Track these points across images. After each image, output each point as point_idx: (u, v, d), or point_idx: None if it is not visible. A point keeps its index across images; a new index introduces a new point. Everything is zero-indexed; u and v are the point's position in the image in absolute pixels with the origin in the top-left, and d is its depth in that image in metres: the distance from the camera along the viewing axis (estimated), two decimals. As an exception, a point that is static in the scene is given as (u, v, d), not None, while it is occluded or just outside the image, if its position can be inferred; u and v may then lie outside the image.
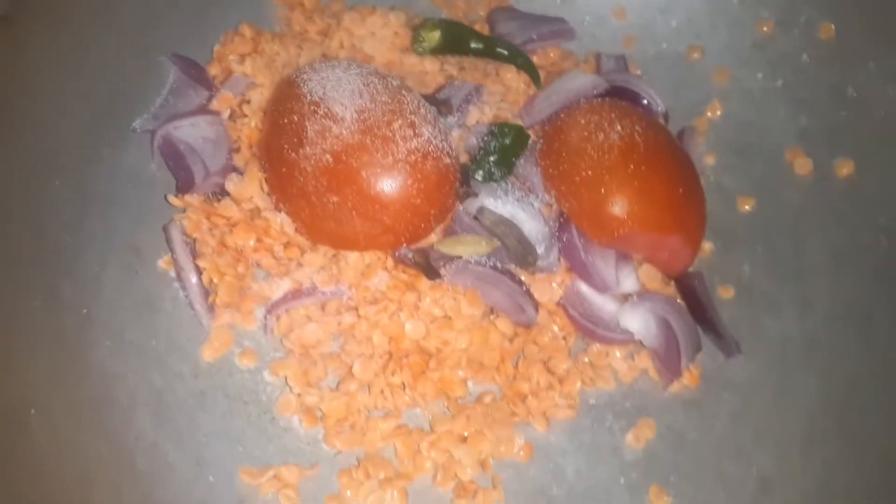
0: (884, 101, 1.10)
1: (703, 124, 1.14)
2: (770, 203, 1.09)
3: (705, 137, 1.13)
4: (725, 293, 1.03)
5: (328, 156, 0.86)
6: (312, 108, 0.88)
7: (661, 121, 1.09)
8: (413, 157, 0.87)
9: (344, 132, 0.86)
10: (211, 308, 0.93)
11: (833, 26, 1.14)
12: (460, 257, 0.92)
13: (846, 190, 1.09)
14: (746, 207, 1.09)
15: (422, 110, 0.91)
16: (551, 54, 1.15)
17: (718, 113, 1.15)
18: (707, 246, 1.05)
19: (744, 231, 1.07)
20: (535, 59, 1.13)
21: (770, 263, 1.05)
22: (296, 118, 0.89)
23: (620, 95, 1.06)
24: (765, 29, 1.17)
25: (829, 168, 1.10)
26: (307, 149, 0.87)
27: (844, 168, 1.09)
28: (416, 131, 0.87)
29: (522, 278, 0.95)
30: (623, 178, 0.92)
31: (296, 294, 0.94)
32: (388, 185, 0.86)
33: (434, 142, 0.88)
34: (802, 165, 1.10)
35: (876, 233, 1.05)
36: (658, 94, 1.08)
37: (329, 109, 0.87)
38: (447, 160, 0.90)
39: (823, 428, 0.95)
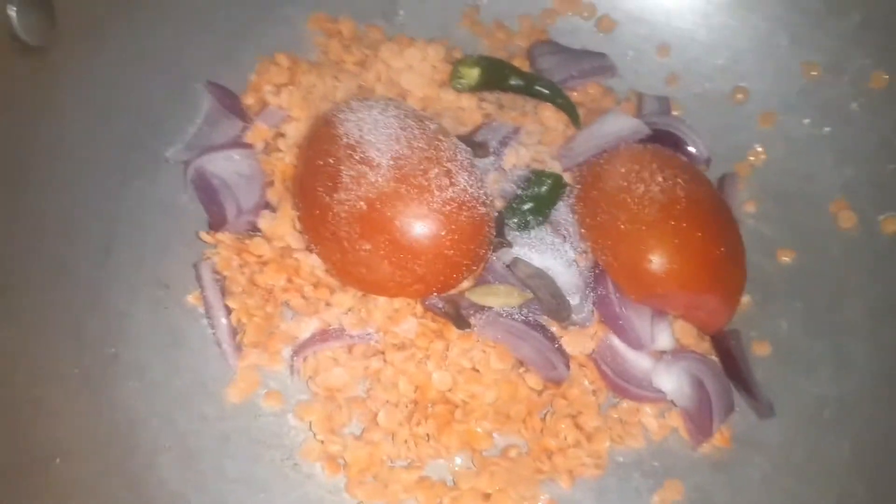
0: (933, 157, 1.07)
1: (746, 170, 1.11)
2: (811, 256, 1.06)
3: (747, 184, 1.10)
4: (761, 349, 1.01)
5: (362, 203, 0.84)
6: (348, 151, 0.86)
7: (704, 167, 1.06)
8: (448, 208, 0.85)
9: (379, 179, 0.84)
10: (238, 348, 0.92)
11: (886, 76, 1.10)
12: (491, 308, 0.90)
13: (891, 247, 1.05)
14: (786, 259, 1.06)
15: (459, 157, 0.89)
16: (591, 91, 1.13)
17: (762, 159, 1.12)
18: (745, 299, 1.02)
19: (782, 284, 1.05)
20: (574, 95, 1.11)
21: (808, 320, 1.02)
22: (331, 161, 0.87)
23: (662, 139, 1.04)
24: (813, 73, 1.13)
25: (875, 223, 1.06)
26: (341, 194, 0.85)
27: (891, 225, 1.06)
28: (453, 180, 0.85)
29: (554, 330, 0.93)
30: (663, 234, 0.89)
31: (323, 336, 0.93)
32: (422, 235, 0.85)
33: (469, 191, 0.86)
34: (847, 219, 1.07)
35: (918, 293, 1.02)
36: (702, 140, 1.05)
37: (365, 155, 0.85)
38: (482, 209, 0.88)
39: (854, 495, 0.93)
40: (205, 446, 0.88)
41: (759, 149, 1.12)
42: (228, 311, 0.92)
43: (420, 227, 0.84)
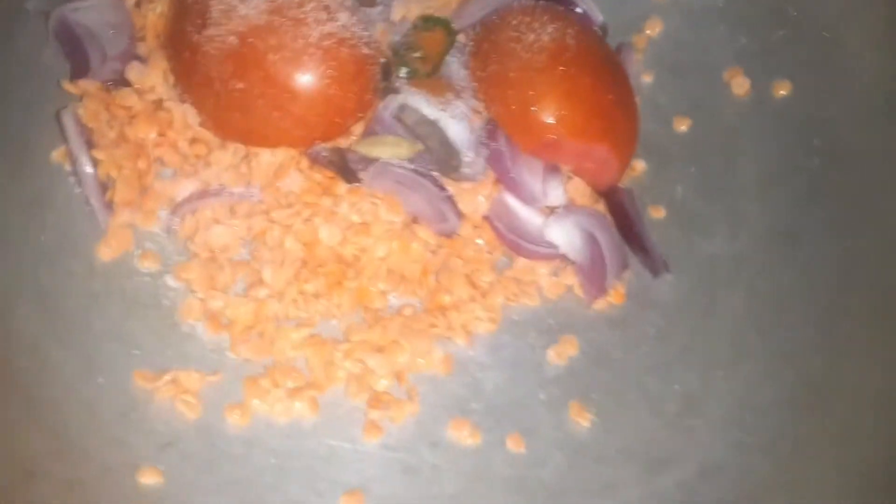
0: (822, 21, 1.08)
1: (642, 41, 1.10)
2: (706, 123, 1.06)
3: (643, 55, 1.09)
4: (656, 213, 1.00)
5: (233, 37, 0.80)
6: (219, -14, 0.81)
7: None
8: (327, 43, 0.81)
9: (251, 11, 0.79)
10: (109, 205, 0.86)
11: (776, -57, 1.10)
12: (379, 159, 0.87)
13: (782, 111, 1.06)
14: (682, 127, 1.05)
15: (339, -4, 0.84)
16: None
17: (657, 30, 1.11)
18: (640, 165, 1.02)
19: (678, 151, 1.04)
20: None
21: (702, 184, 1.02)
22: (201, -2, 0.81)
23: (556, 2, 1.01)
24: (707, -54, 1.13)
25: (767, 89, 1.07)
26: (211, 30, 0.80)
27: (782, 89, 1.07)
28: (332, 15, 0.81)
29: (447, 188, 0.91)
30: (552, 79, 0.88)
31: (202, 194, 0.88)
32: (299, 71, 0.80)
33: (352, 28, 0.82)
34: (740, 85, 1.07)
35: (809, 154, 1.03)
36: (596, 5, 1.03)
37: (236, -13, 0.80)
38: (366, 50, 0.84)
39: (748, 346, 0.93)
40: (72, 302, 0.83)
41: (656, 20, 1.11)
42: (95, 162, 0.86)
43: (296, 62, 0.80)
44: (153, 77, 0.88)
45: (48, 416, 0.77)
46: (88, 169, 0.85)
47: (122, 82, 0.89)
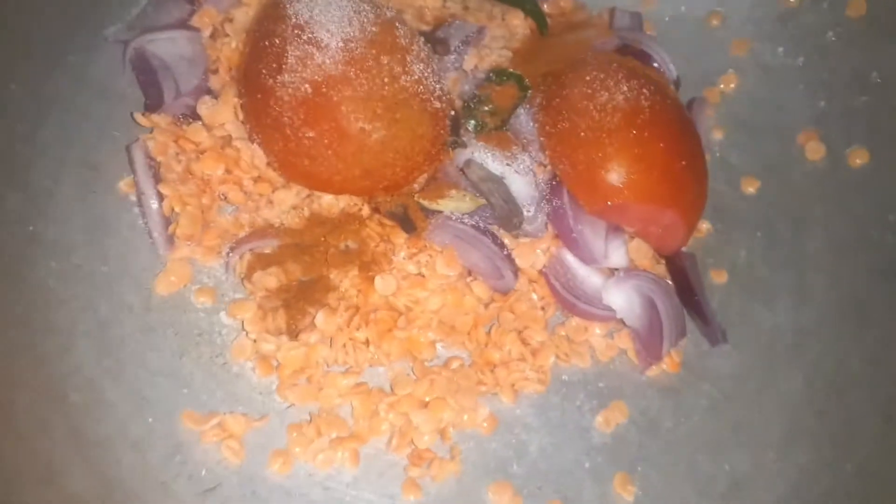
0: (908, 90, 1.04)
1: (715, 96, 1.07)
2: (776, 187, 1.03)
3: (716, 111, 1.07)
4: (718, 277, 0.98)
5: (307, 85, 0.79)
6: (296, 31, 0.81)
7: (673, 89, 1.02)
8: (400, 97, 0.80)
9: (327, 61, 0.79)
10: (170, 238, 0.87)
11: (864, 2, 1.06)
12: (441, 212, 0.86)
13: (857, 180, 1.02)
14: (751, 189, 1.03)
15: (415, 47, 0.84)
16: (562, 3, 1.08)
17: (732, 86, 1.08)
18: (705, 226, 0.99)
19: (745, 214, 1.02)
20: (545, 6, 1.06)
21: (769, 250, 1.00)
22: (277, 41, 0.81)
23: (632, 55, 0.99)
24: (791, 0, 1.10)
25: (842, 156, 1.04)
26: (286, 76, 0.80)
27: (858, 157, 1.03)
28: (406, 69, 0.80)
29: (505, 241, 0.90)
30: (623, 143, 0.85)
31: (262, 233, 0.88)
32: (370, 125, 0.80)
33: (424, 82, 0.81)
34: (814, 150, 1.04)
35: (883, 229, 1.00)
36: (671, 59, 1.01)
37: (313, 35, 0.80)
38: (437, 104, 0.83)
39: (804, 428, 0.91)
40: (127, 336, 0.83)
41: (732, 75, 1.08)
42: (161, 197, 0.86)
43: (367, 114, 0.79)
44: (223, 114, 0.88)
45: (97, 455, 0.77)
46: (154, 203, 0.86)
47: (194, 116, 0.89)
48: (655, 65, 1.01)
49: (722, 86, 1.08)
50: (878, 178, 1.02)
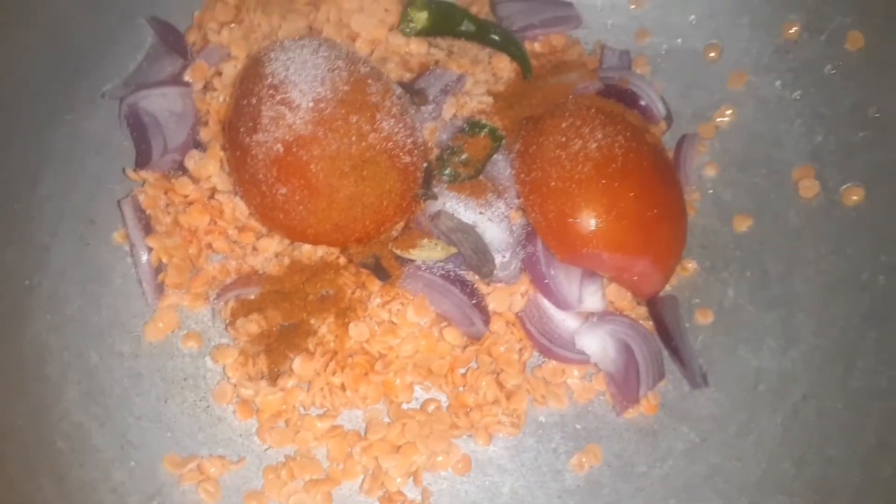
0: (906, 127, 1.01)
1: (710, 131, 1.06)
2: (768, 225, 1.01)
3: (710, 146, 1.06)
4: (703, 317, 0.97)
5: (279, 145, 0.83)
6: (271, 91, 0.84)
7: (663, 125, 1.02)
8: (367, 155, 0.82)
9: (297, 121, 0.82)
10: (160, 287, 0.92)
11: (863, 36, 1.03)
12: (413, 261, 0.88)
13: (851, 219, 1.00)
14: (743, 227, 1.02)
15: (387, 102, 0.86)
16: (555, 42, 1.08)
17: (729, 120, 1.07)
18: (691, 265, 0.99)
19: (735, 252, 1.01)
20: (537, 46, 1.07)
21: (757, 290, 0.99)
22: (254, 101, 0.85)
23: (619, 95, 1.00)
24: (790, 32, 1.08)
25: (837, 194, 1.01)
26: (260, 135, 0.83)
27: (853, 195, 1.01)
28: (375, 126, 0.83)
29: (479, 287, 0.91)
30: (592, 192, 0.86)
31: (246, 281, 0.92)
32: (338, 181, 0.82)
33: (394, 139, 0.84)
34: (808, 188, 1.02)
35: (875, 271, 0.97)
36: (659, 98, 1.01)
37: (286, 95, 0.83)
38: (407, 158, 0.86)
39: (782, 476, 0.90)
40: (116, 383, 0.89)
41: (727, 110, 1.07)
42: (149, 249, 0.91)
43: (336, 173, 0.82)
44: (210, 167, 0.92)
45: (79, 500, 0.83)
46: (143, 256, 0.90)
47: (182, 170, 0.94)
48: (643, 103, 1.01)
49: (717, 120, 1.07)
50: (872, 216, 0.99)
